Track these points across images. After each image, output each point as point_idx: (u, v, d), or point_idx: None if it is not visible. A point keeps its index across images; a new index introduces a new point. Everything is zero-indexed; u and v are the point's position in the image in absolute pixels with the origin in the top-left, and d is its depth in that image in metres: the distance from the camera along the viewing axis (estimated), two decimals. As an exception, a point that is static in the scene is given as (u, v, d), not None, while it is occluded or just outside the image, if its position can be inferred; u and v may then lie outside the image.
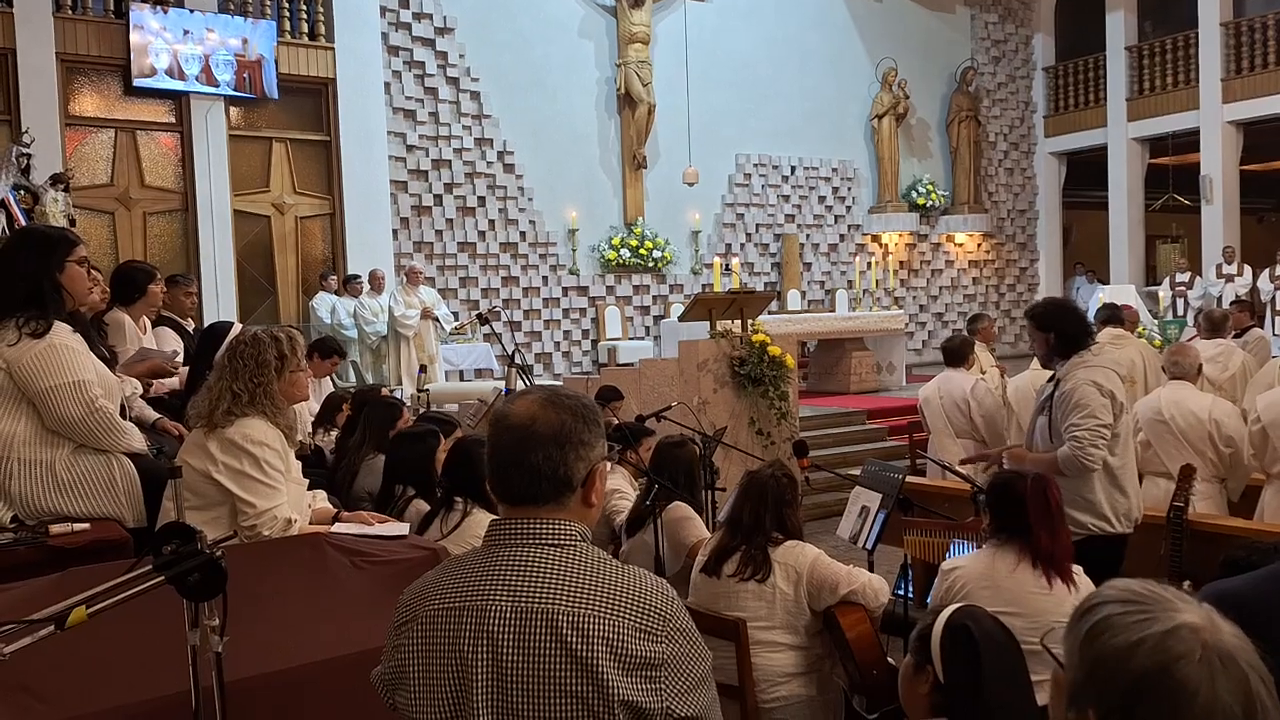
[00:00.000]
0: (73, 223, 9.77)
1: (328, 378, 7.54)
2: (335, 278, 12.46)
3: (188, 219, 12.01)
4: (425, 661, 1.77)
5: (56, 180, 9.39)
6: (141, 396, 4.71)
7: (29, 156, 9.27)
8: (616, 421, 5.61)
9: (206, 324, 7.74)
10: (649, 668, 1.69)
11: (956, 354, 7.12)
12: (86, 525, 3.41)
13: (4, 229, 8.52)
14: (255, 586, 2.74)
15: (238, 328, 4.90)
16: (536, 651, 1.69)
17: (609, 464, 5.14)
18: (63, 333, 3.51)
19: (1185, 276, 16.31)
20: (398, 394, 9.77)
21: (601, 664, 1.67)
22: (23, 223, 8.59)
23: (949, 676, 2.37)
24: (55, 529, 3.34)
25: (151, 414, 4.47)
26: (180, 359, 5.54)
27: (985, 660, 2.34)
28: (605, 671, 1.67)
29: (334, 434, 5.93)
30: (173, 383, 5.19)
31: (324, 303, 12.27)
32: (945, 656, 2.39)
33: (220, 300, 11.81)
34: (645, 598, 1.74)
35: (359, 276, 12.30)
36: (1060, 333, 4.41)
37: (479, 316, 7.69)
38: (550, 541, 1.78)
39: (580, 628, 1.69)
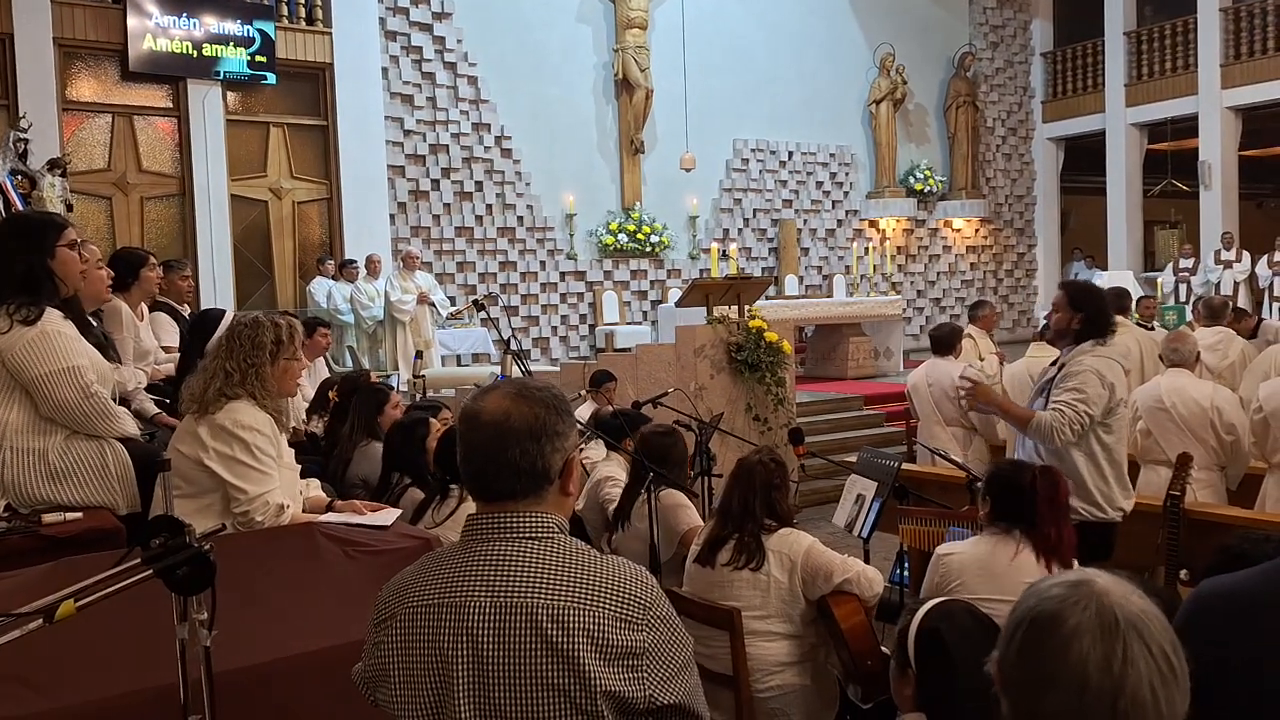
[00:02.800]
0: (70, 208, 9.73)
1: (322, 361, 7.52)
2: (332, 262, 12.43)
3: (185, 204, 11.98)
4: (406, 659, 1.76)
5: (54, 165, 9.34)
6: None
7: (26, 141, 9.22)
8: (612, 407, 5.60)
9: (202, 309, 7.74)
10: (631, 657, 1.69)
11: (944, 342, 7.11)
12: (79, 514, 3.41)
13: (1, 214, 8.49)
14: (246, 577, 2.73)
15: (230, 315, 4.91)
16: (517, 646, 1.68)
17: (605, 452, 5.17)
18: (54, 319, 3.50)
19: (1189, 262, 16.28)
20: (393, 380, 9.77)
21: (583, 656, 1.67)
22: (20, 208, 8.56)
23: (922, 680, 2.39)
24: (48, 518, 3.34)
25: (151, 407, 4.47)
26: (176, 344, 5.54)
27: (959, 663, 2.34)
28: (587, 663, 1.66)
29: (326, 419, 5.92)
30: (168, 368, 5.19)
31: (321, 287, 12.25)
32: (919, 661, 2.41)
33: (217, 285, 11.79)
34: (625, 587, 1.73)
35: (355, 261, 12.27)
36: (1089, 317, 4.37)
37: (475, 302, 7.67)
38: (528, 534, 1.77)
39: (560, 620, 1.68)
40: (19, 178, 9.02)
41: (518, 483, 1.77)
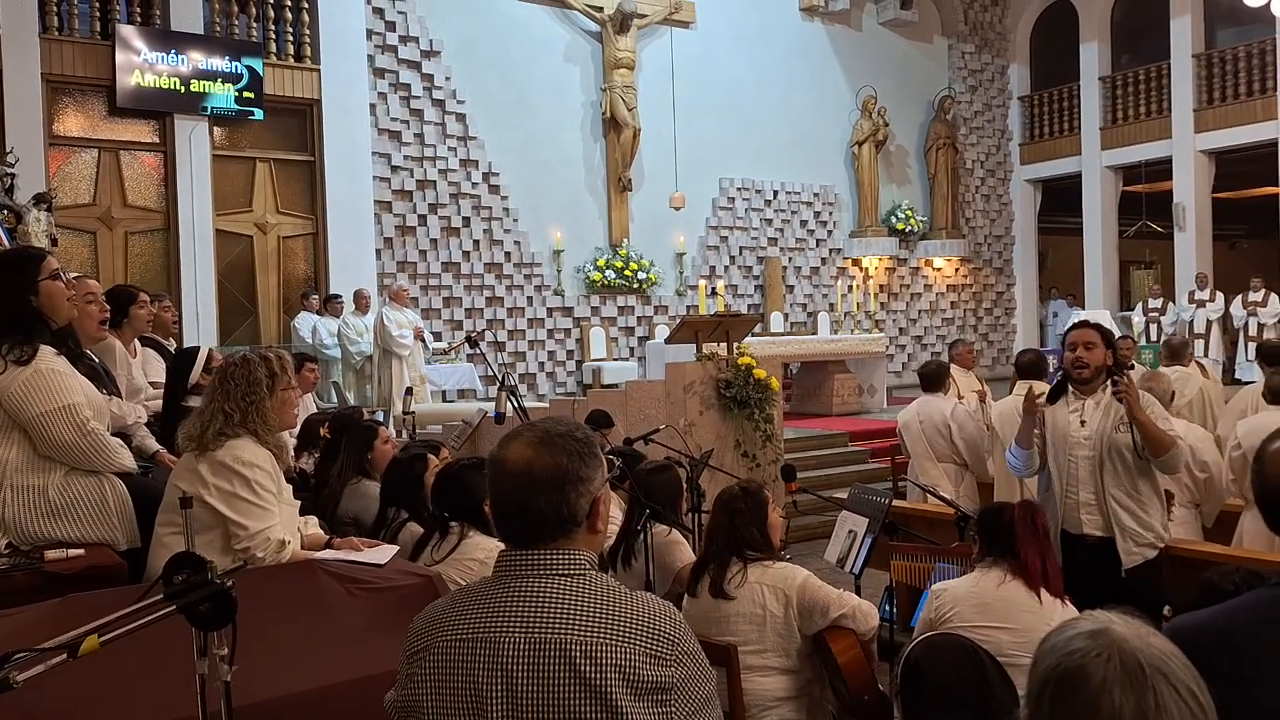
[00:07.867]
0: (55, 242, 9.71)
1: (310, 397, 7.52)
2: (316, 297, 12.43)
3: (169, 238, 11.98)
4: (438, 692, 1.79)
5: (39, 200, 9.34)
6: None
7: (13, 176, 9.23)
8: (609, 447, 5.63)
9: (186, 345, 7.74)
10: (660, 692, 1.73)
11: (933, 379, 7.18)
12: (81, 551, 3.42)
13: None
14: (251, 614, 2.74)
15: (204, 350, 4.92)
16: (551, 681, 1.72)
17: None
18: (48, 356, 3.51)
19: (1159, 302, 16.54)
20: (379, 415, 9.74)
21: (615, 691, 1.71)
22: (4, 243, 8.55)
23: (906, 708, 2.45)
24: (50, 555, 3.34)
25: (153, 444, 4.47)
26: (163, 380, 5.53)
27: (936, 692, 2.41)
28: (618, 698, 1.71)
29: (316, 456, 5.91)
30: (157, 405, 5.18)
31: (305, 322, 12.24)
32: (902, 689, 2.48)
33: (201, 320, 11.77)
34: (654, 623, 1.78)
35: (340, 296, 12.27)
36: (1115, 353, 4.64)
37: (467, 338, 7.69)
38: (560, 571, 1.81)
39: (593, 656, 1.72)
40: (4, 212, 9.02)
41: (544, 529, 1.82)
